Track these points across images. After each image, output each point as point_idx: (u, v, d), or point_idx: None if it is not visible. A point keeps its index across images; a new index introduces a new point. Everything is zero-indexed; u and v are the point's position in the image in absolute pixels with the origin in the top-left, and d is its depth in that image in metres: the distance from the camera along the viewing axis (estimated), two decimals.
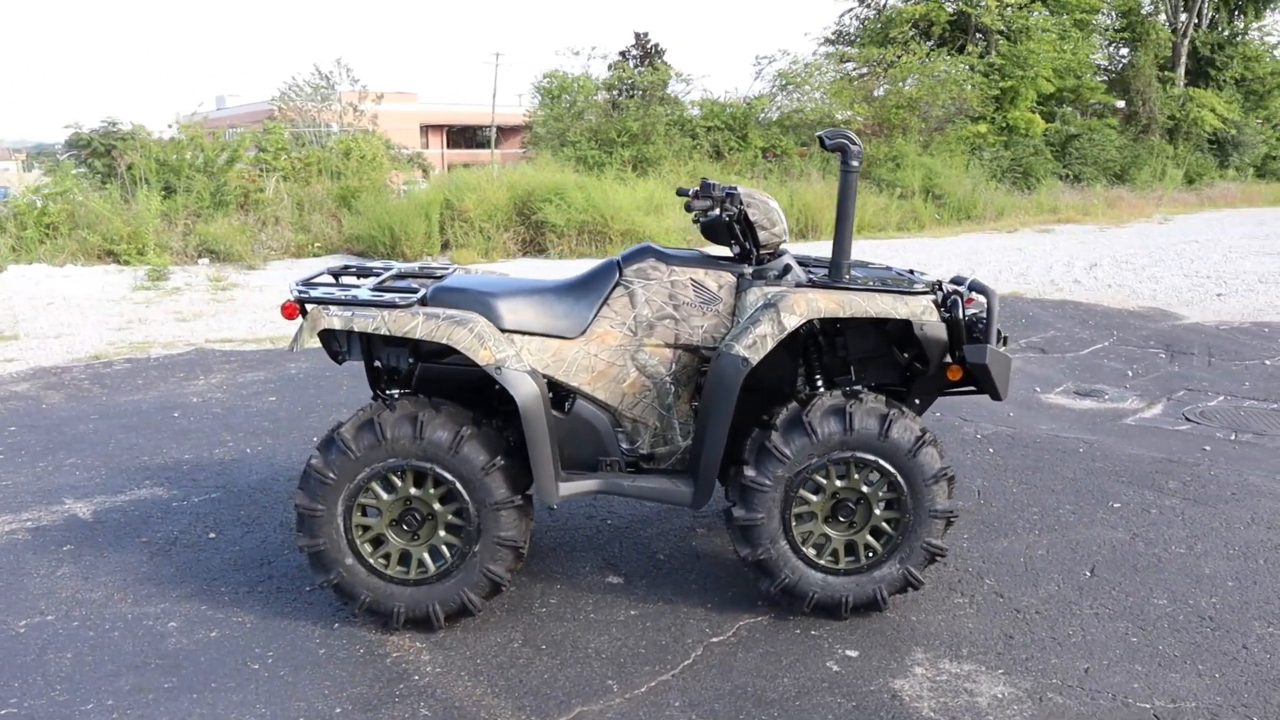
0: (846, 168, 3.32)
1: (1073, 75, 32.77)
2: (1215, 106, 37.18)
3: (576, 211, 16.29)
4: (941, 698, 2.87)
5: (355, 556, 3.20)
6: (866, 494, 3.26)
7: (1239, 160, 39.65)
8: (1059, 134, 32.62)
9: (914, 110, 26.58)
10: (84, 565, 3.80)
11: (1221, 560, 3.79)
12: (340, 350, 3.48)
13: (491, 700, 2.86)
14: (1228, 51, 39.45)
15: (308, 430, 5.60)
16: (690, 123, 23.02)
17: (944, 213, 23.84)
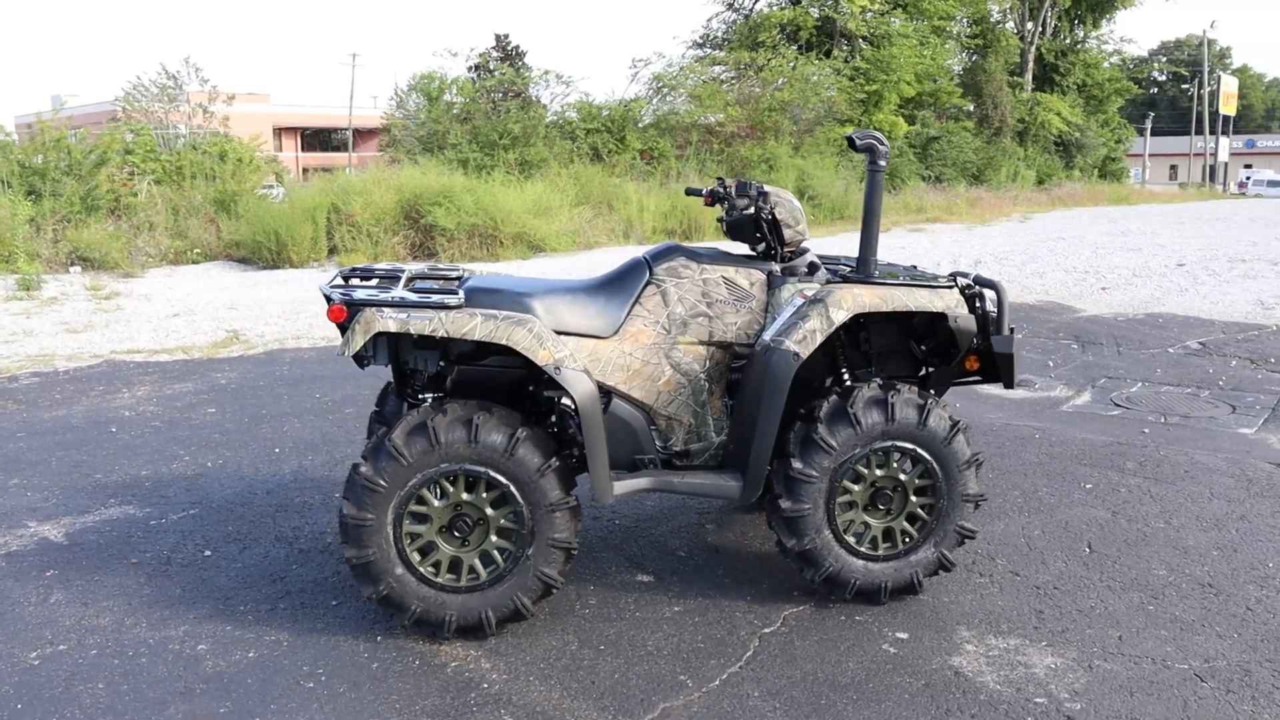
0: (874, 167, 3.43)
1: (930, 80, 34.22)
2: (1061, 111, 39.50)
3: (466, 215, 16.09)
4: (1000, 671, 3.00)
5: (405, 566, 3.11)
6: (903, 481, 3.38)
7: (1083, 161, 42.27)
8: (920, 136, 34.03)
9: (785, 113, 27.27)
10: (78, 590, 3.56)
11: (1199, 532, 4.08)
12: (366, 355, 3.38)
13: (571, 703, 2.84)
14: (1070, 59, 42.00)
15: (264, 442, 5.39)
16: (570, 125, 23.03)
17: (819, 213, 24.56)
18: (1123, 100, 46.37)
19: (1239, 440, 5.39)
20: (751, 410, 3.30)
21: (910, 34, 33.05)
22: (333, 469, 4.93)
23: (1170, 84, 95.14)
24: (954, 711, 2.79)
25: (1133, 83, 46.80)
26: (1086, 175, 43.15)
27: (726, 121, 25.29)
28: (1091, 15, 43.05)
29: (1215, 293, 10.82)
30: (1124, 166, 47.82)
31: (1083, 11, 42.84)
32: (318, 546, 3.97)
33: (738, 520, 4.26)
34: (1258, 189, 63.10)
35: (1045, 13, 41.71)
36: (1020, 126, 40.56)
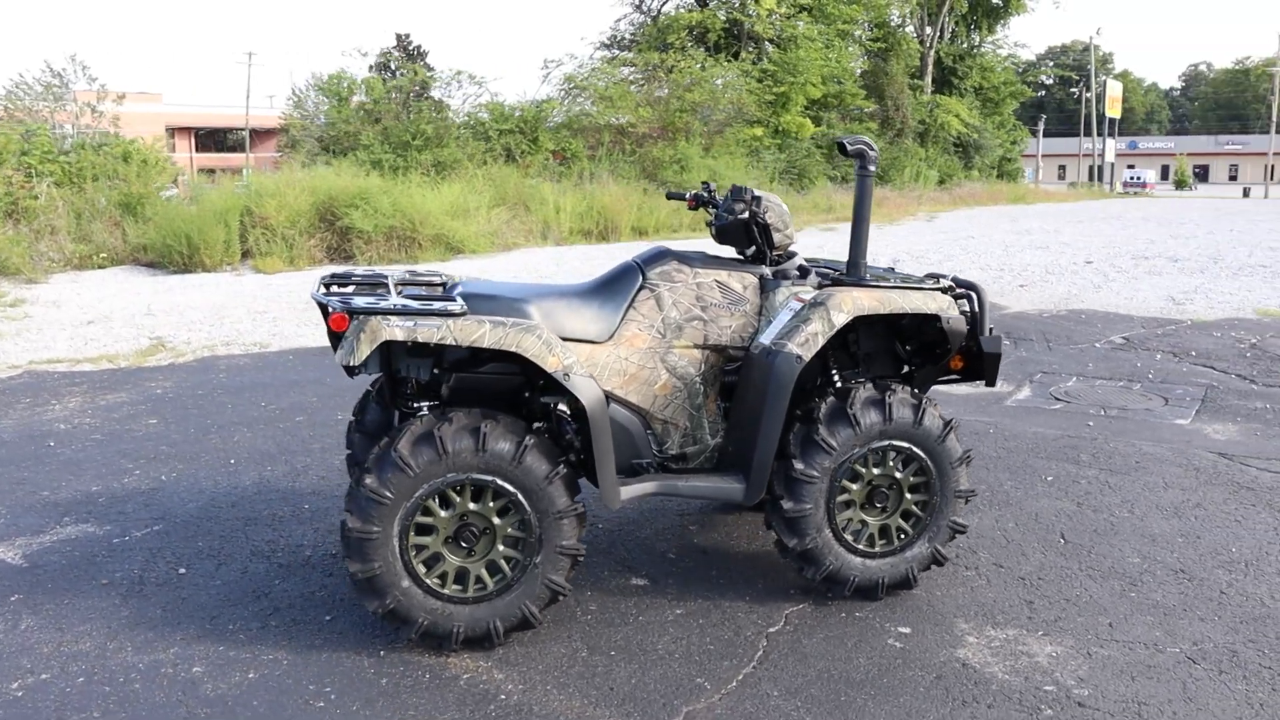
0: (864, 172, 3.49)
1: (835, 82, 34.89)
2: (959, 113, 40.73)
3: (384, 217, 15.83)
4: (1005, 661, 3.09)
5: (411, 578, 3.05)
6: (899, 479, 3.45)
7: (981, 162, 43.67)
8: (826, 137, 34.66)
9: (695, 114, 27.50)
10: (49, 615, 3.39)
11: (1162, 520, 4.25)
12: (357, 364, 3.29)
13: (594, 711, 2.82)
14: (967, 62, 43.36)
15: (217, 453, 5.21)
16: (483, 126, 22.81)
17: None
18: (1017, 103, 48.10)
19: (1178, 431, 5.64)
20: (754, 412, 3.32)
21: (816, 37, 33.69)
22: (295, 480, 4.80)
23: (1057, 87, 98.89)
24: (970, 703, 2.85)
25: (1026, 86, 48.55)
26: (984, 175, 44.65)
27: (638, 122, 25.38)
28: (987, 21, 44.57)
29: (1127, 289, 11.30)
30: (1019, 167, 49.56)
31: (979, 17, 44.32)
32: (297, 560, 3.85)
33: (719, 521, 4.28)
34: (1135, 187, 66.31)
35: (943, 18, 42.98)
36: (921, 128, 41.72)
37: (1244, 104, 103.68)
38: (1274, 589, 3.58)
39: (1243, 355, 7.60)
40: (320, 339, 8.58)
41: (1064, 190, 53.08)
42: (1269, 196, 54.73)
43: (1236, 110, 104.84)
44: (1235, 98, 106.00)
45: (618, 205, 20.70)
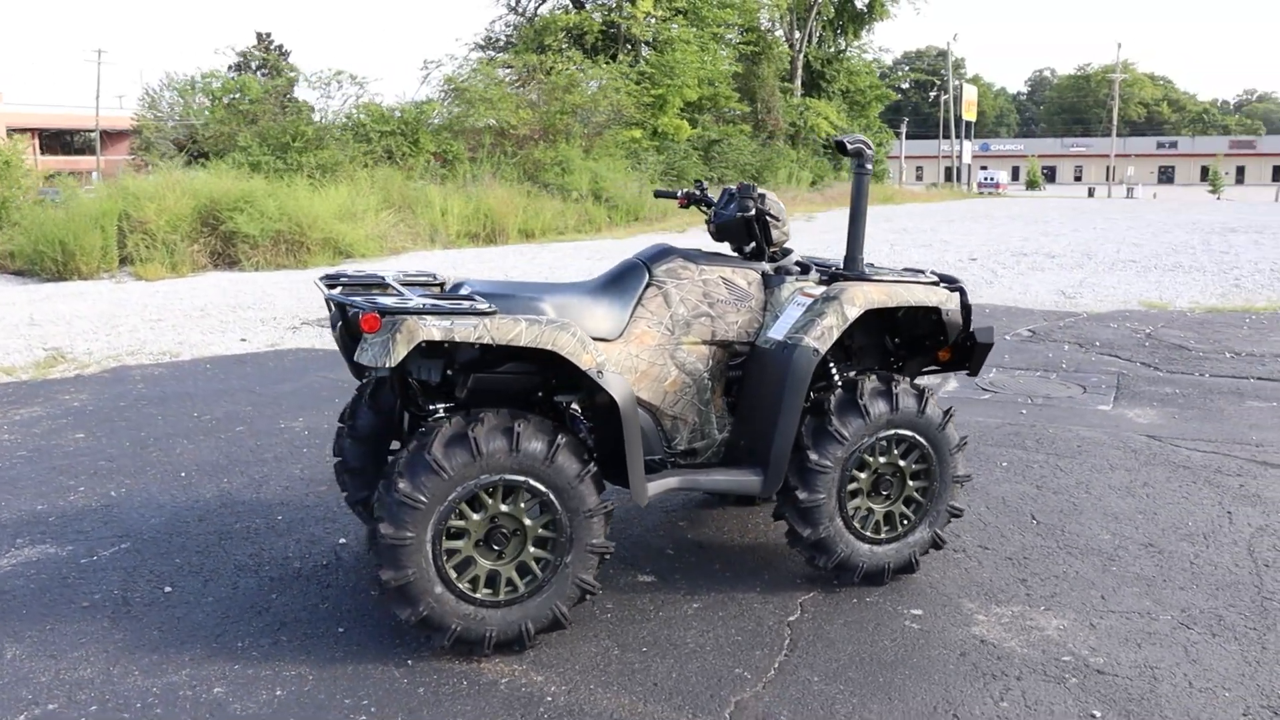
0: (861, 170, 3.60)
1: (709, 85, 35.42)
2: (828, 115, 41.87)
3: (270, 220, 15.33)
4: (1019, 635, 3.23)
5: (444, 584, 2.99)
6: (902, 467, 3.56)
7: (848, 163, 44.92)
8: (702, 139, 35.17)
9: (575, 116, 27.53)
10: (35, 643, 3.18)
11: (1118, 499, 4.51)
12: (369, 367, 3.22)
13: (645, 707, 2.82)
14: (835, 66, 44.63)
15: (163, 466, 4.97)
16: (364, 127, 22.29)
17: (615, 215, 24.98)
18: (882, 106, 49.74)
19: (1104, 416, 5.98)
20: (770, 406, 3.38)
21: (691, 40, 34.15)
22: (258, 491, 4.62)
23: (913, 91, 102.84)
24: (1000, 676, 2.98)
25: (891, 90, 50.33)
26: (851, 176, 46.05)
27: (518, 124, 25.24)
28: (853, 26, 46.00)
29: (1018, 285, 11.87)
30: (885, 168, 51.30)
31: (845, 22, 45.70)
32: (287, 574, 3.72)
33: (705, 517, 4.33)
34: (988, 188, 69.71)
35: (811, 23, 44.17)
36: (792, 130, 42.77)
37: (1086, 108, 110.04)
38: (1236, 558, 3.84)
39: (1142, 345, 8.10)
40: (235, 347, 8.27)
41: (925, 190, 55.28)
42: (1111, 196, 58.30)
43: (1080, 114, 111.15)
44: (1078, 102, 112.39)
45: (504, 208, 20.57)
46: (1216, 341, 8.17)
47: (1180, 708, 2.81)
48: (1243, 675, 2.99)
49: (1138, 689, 2.91)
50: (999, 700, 2.85)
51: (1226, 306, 10.06)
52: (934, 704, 2.84)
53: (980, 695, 2.88)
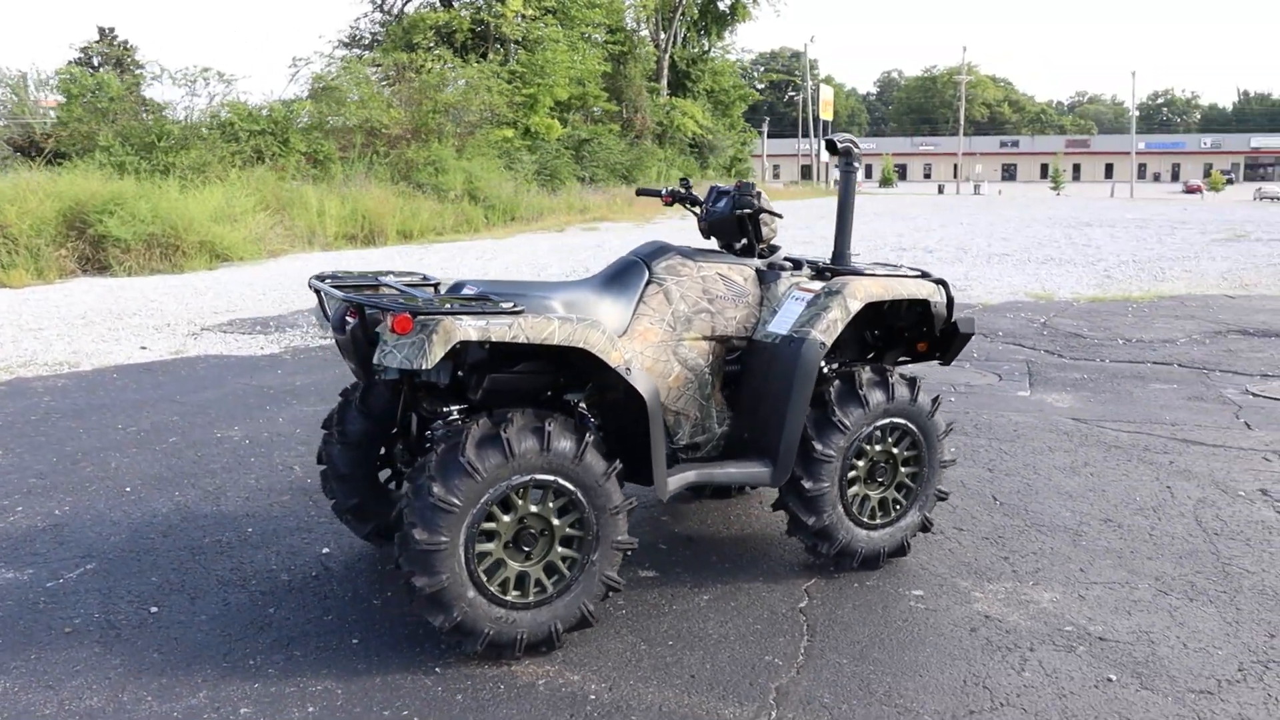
0: (849, 168, 3.71)
1: (579, 84, 35.49)
2: (695, 115, 42.52)
3: (143, 223, 14.60)
4: (1018, 608, 3.40)
5: (476, 588, 2.94)
6: (895, 454, 3.69)
7: (715, 162, 45.82)
8: (572, 138, 35.20)
9: (447, 115, 27.17)
10: (24, 673, 2.98)
11: (1065, 479, 4.78)
12: (380, 368, 3.14)
13: (691, 699, 2.85)
14: (700, 67, 45.35)
15: (102, 482, 4.70)
16: (232, 127, 21.42)
17: (492, 215, 24.81)
18: (746, 105, 50.85)
19: (1027, 402, 6.31)
20: (779, 399, 3.44)
21: (561, 39, 34.12)
22: (217, 503, 4.42)
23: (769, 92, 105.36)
24: (1014, 648, 3.13)
25: (754, 89, 51.44)
26: (719, 175, 46.93)
27: (390, 124, 24.74)
28: (716, 27, 46.85)
29: None
30: (749, 166, 52.46)
31: (708, 23, 46.50)
32: (278, 587, 3.58)
33: (684, 511, 4.38)
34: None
35: (676, 24, 44.74)
36: (659, 129, 43.27)
37: (933, 108, 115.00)
38: (1187, 529, 4.13)
39: (1040, 333, 8.56)
40: (137, 355, 7.86)
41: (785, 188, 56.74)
42: (960, 192, 61.18)
43: (927, 114, 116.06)
44: (925, 102, 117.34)
45: (381, 209, 20.17)
46: (1107, 329, 8.71)
47: (1183, 667, 3.02)
48: (1227, 635, 3.22)
49: (1140, 653, 3.10)
50: (1020, 671, 3.00)
51: (1107, 296, 10.73)
52: (962, 678, 2.96)
53: (1002, 667, 3.02)
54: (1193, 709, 2.79)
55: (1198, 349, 7.95)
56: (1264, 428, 5.64)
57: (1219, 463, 4.99)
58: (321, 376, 7.03)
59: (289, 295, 11.35)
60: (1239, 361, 7.49)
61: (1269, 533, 4.08)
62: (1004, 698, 2.85)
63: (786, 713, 2.78)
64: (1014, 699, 2.84)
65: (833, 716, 2.76)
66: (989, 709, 2.80)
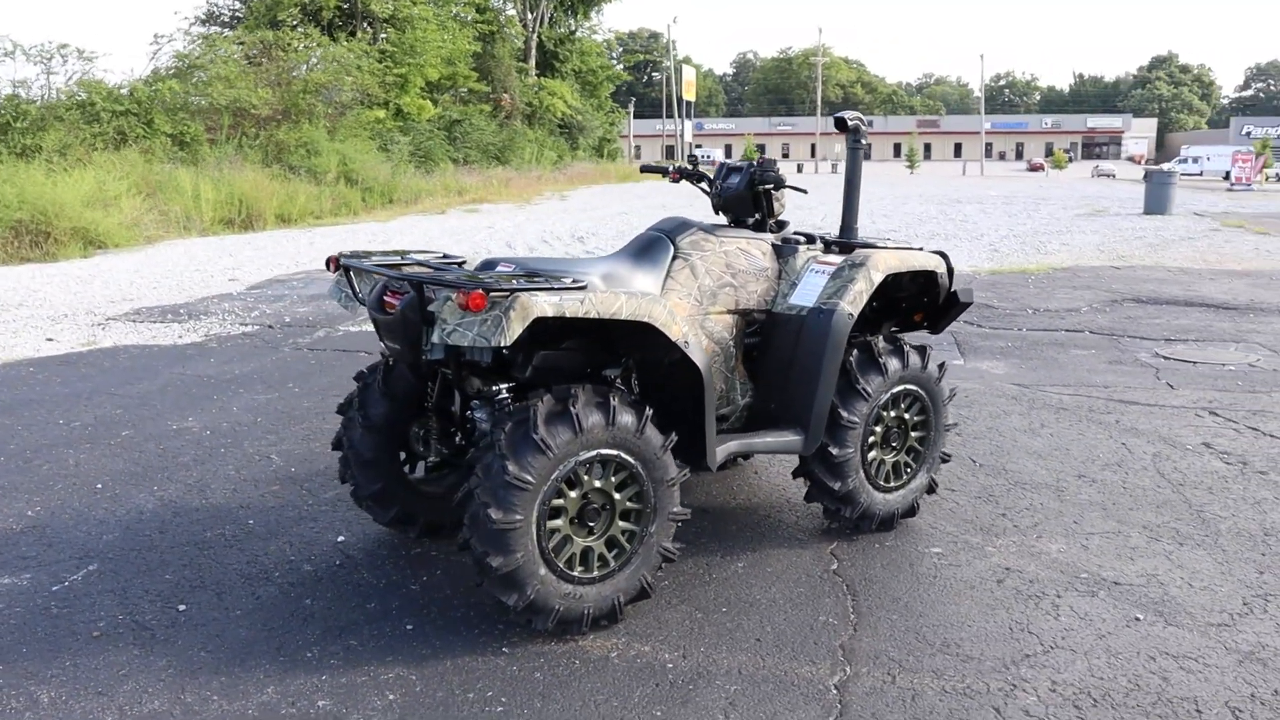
0: (856, 145, 3.84)
1: (449, 64, 34.87)
2: (564, 95, 42.31)
3: (7, 209, 13.68)
4: (1032, 559, 3.61)
5: (547, 565, 2.95)
6: (907, 419, 3.85)
7: (585, 142, 45.75)
8: (443, 119, 34.59)
9: (318, 96, 26.33)
10: (66, 682, 2.82)
11: (1029, 439, 5.06)
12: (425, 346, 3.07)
13: (765, 662, 2.92)
14: (568, 47, 45.09)
15: (70, 480, 4.44)
16: (94, 107, 20.19)
17: (370, 198, 24.25)
18: (613, 86, 50.90)
19: (964, 370, 6.62)
20: (810, 369, 3.54)
21: (430, 18, 33.40)
22: (204, 497, 4.24)
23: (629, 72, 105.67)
24: (1044, 595, 3.33)
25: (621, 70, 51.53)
26: (589, 155, 46.94)
27: (259, 104, 23.79)
28: (582, 7, 46.66)
29: None
30: (618, 147, 52.61)
31: (575, 3, 46.26)
32: (305, 578, 3.49)
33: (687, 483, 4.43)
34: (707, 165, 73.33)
35: (544, 4, 44.37)
36: (529, 110, 42.91)
37: (789, 89, 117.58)
38: (1155, 481, 4.45)
39: None
40: (46, 348, 7.41)
41: None
42: (818, 172, 62.90)
43: (783, 94, 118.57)
44: (782, 83, 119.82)
45: (258, 192, 19.45)
46: (1015, 300, 9.19)
47: (1195, 604, 3.27)
48: (1223, 574, 3.50)
49: (1154, 594, 3.35)
50: (1056, 616, 3.19)
51: (1004, 269, 11.29)
52: (1009, 625, 3.14)
53: (1039, 613, 3.21)
54: (1216, 640, 3.04)
55: (1101, 317, 8.48)
56: (1185, 388, 6.09)
57: (1159, 420, 5.37)
58: (260, 364, 6.77)
59: (185, 282, 10.85)
60: (1140, 327, 8.03)
61: (1224, 481, 4.43)
62: (1051, 641, 3.04)
63: (860, 669, 2.89)
64: (1060, 641, 3.03)
65: (902, 668, 2.89)
66: (1041, 652, 2.97)
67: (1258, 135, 66.31)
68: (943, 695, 2.75)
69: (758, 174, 3.76)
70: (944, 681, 2.82)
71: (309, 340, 7.61)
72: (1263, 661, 2.92)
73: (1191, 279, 10.71)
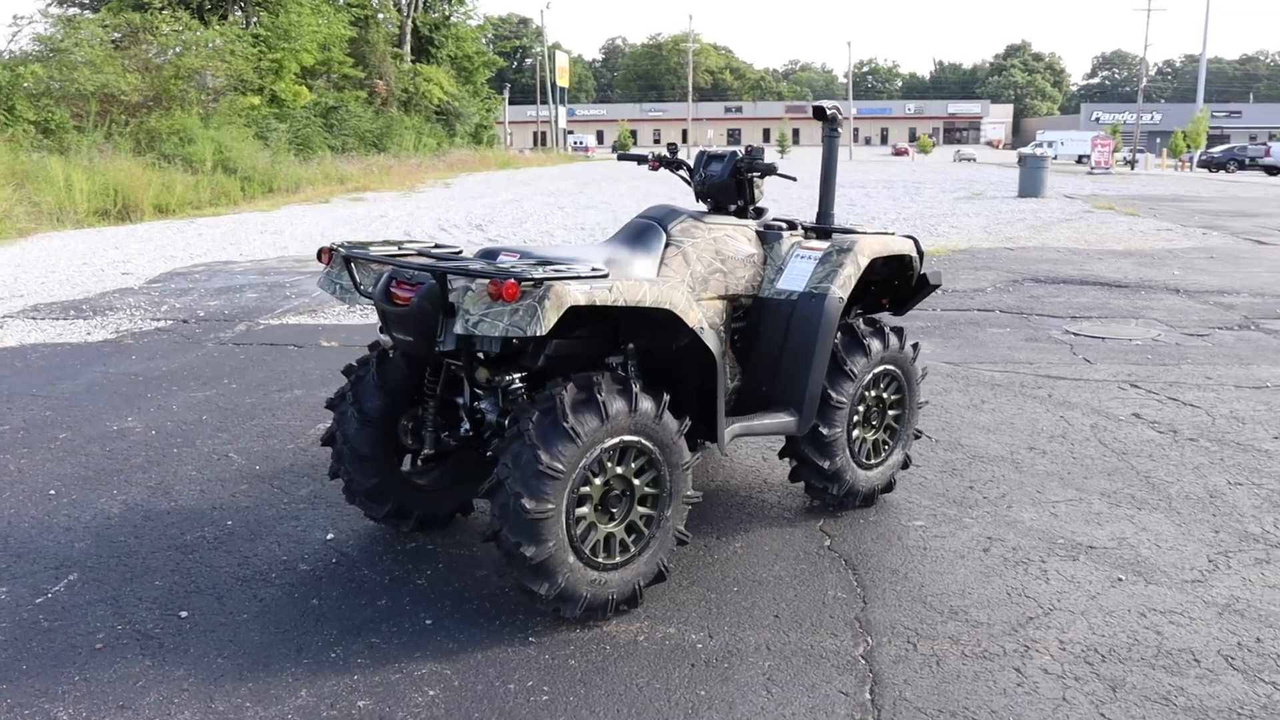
0: (833, 133, 3.95)
1: (324, 49, 33.90)
2: (441, 82, 41.59)
3: None
4: (1009, 528, 3.80)
5: (575, 553, 2.97)
6: (885, 398, 4.00)
7: (462, 129, 45.08)
8: (320, 106, 33.64)
9: (190, 81, 25.27)
10: (86, 696, 2.70)
11: (975, 415, 5.30)
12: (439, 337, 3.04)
13: (790, 637, 3.01)
14: (443, 32, 44.28)
15: (14, 486, 4.21)
16: None
17: (249, 187, 23.44)
18: (490, 72, 50.25)
19: None
20: (803, 352, 3.63)
21: (305, 2, 32.33)
22: (171, 499, 4.08)
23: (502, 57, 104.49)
24: (1033, 560, 3.52)
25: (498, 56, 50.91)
26: (466, 142, 46.28)
27: (129, 90, 22.66)
28: None
29: None
30: (495, 133, 52.00)
31: None
32: (303, 578, 3.40)
33: None
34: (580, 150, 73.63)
35: None
36: (405, 97, 42.03)
37: (659, 75, 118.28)
38: (1100, 451, 4.72)
39: None
40: None
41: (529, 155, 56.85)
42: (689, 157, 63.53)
43: (654, 80, 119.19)
44: (652, 69, 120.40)
45: (133, 182, 18.56)
46: None
47: (1167, 564, 3.51)
48: (1183, 534, 3.77)
49: (1128, 556, 3.58)
50: (1046, 580, 3.38)
51: None
52: (1005, 590, 3.31)
53: (1030, 578, 3.39)
54: (1194, 595, 3.27)
55: (1007, 296, 8.90)
56: (1102, 362, 6.47)
57: (1087, 394, 5.70)
58: (186, 361, 6.51)
59: (76, 277, 10.30)
60: (1044, 306, 8.46)
61: (1161, 448, 4.74)
62: (1048, 604, 3.22)
63: (880, 639, 3.01)
64: (1057, 603, 3.22)
65: (920, 636, 3.02)
66: (1042, 614, 3.15)
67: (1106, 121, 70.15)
68: (964, 659, 2.89)
69: (745, 162, 3.83)
70: (961, 646, 2.96)
71: (231, 335, 7.34)
72: (1239, 613, 3.16)
73: (1081, 259, 11.33)
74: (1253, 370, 6.24)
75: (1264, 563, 3.52)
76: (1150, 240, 13.39)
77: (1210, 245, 13.00)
